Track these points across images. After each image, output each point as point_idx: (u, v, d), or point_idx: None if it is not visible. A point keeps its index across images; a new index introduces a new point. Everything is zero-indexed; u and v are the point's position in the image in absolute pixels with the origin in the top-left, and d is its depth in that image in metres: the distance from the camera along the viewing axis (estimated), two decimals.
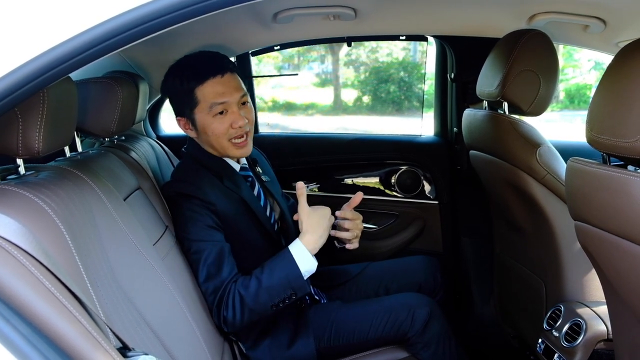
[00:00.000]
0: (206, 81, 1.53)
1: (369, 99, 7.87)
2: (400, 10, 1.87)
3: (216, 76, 1.54)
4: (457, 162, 2.41)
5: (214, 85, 1.54)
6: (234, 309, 1.44)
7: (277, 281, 1.46)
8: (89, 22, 0.77)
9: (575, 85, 8.16)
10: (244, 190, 1.63)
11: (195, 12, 0.78)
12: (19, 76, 0.77)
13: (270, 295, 1.45)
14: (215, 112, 1.54)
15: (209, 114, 1.54)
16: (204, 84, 1.53)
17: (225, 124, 1.55)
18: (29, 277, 0.77)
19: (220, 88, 1.54)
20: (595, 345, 1.49)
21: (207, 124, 1.56)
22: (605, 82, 1.02)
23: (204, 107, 1.54)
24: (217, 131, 1.56)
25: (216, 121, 1.55)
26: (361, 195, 1.63)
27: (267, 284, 1.45)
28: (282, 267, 1.48)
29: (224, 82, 1.55)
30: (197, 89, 1.53)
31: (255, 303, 1.45)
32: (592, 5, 1.55)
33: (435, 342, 1.58)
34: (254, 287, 1.45)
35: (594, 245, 1.13)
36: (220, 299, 1.45)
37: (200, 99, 1.54)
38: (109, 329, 0.84)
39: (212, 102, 1.53)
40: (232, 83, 1.56)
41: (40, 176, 1.03)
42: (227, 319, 1.45)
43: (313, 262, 1.50)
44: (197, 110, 1.55)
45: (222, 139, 1.57)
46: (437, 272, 1.88)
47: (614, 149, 0.98)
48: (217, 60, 1.58)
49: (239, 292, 1.45)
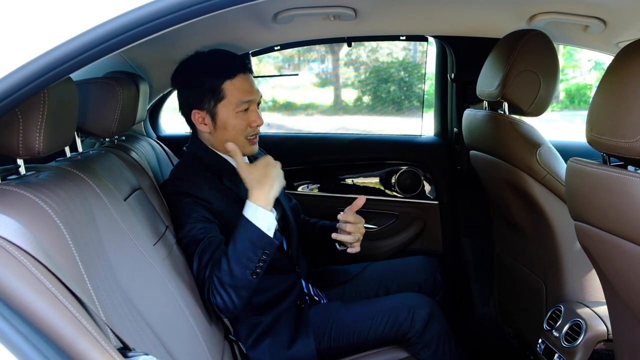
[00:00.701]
0: (236, 76, 1.56)
1: (369, 99, 7.86)
2: (400, 11, 1.87)
3: (246, 73, 1.58)
4: (457, 163, 2.41)
5: (242, 82, 1.57)
6: (219, 293, 1.40)
7: (241, 247, 1.40)
8: (90, 23, 0.77)
9: (576, 85, 8.15)
10: (243, 189, 1.63)
11: (195, 12, 0.78)
12: (19, 77, 0.77)
13: (242, 264, 1.39)
14: (241, 109, 1.57)
15: (234, 109, 1.57)
16: (234, 79, 1.56)
17: (245, 122, 1.58)
18: (30, 277, 0.77)
19: (247, 85, 1.58)
20: (595, 345, 1.49)
21: (229, 119, 1.57)
22: (606, 82, 1.02)
23: (231, 102, 1.56)
24: (238, 127, 1.58)
25: (239, 117, 1.58)
26: (364, 199, 1.62)
27: (233, 255, 1.39)
28: (242, 234, 1.41)
29: (249, 80, 1.59)
30: (225, 83, 1.55)
31: (232, 278, 1.39)
32: (592, 6, 1.54)
33: (435, 342, 1.58)
34: (225, 263, 1.40)
35: (593, 246, 1.13)
36: (207, 289, 1.42)
37: (228, 93, 1.56)
38: (109, 329, 0.84)
39: (241, 99, 1.56)
40: (254, 83, 1.61)
41: (40, 176, 1.03)
42: (219, 306, 1.41)
43: (269, 215, 1.43)
44: (223, 105, 1.57)
45: (239, 135, 1.59)
46: (437, 272, 1.89)
47: (614, 149, 0.98)
48: (241, 58, 1.62)
49: (216, 275, 1.40)
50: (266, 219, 1.43)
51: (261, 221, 1.42)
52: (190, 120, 1.62)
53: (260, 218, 1.42)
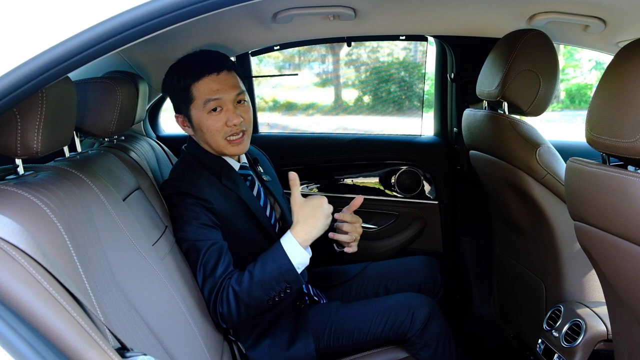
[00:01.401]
0: (202, 78, 1.55)
1: (369, 98, 7.86)
2: (400, 10, 1.86)
3: (212, 74, 1.56)
4: (457, 162, 2.41)
5: (209, 83, 1.55)
6: (229, 305, 1.43)
7: (270, 275, 1.43)
8: (87, 22, 0.77)
9: (576, 85, 8.15)
10: (242, 189, 1.63)
11: (193, 12, 0.78)
12: (17, 76, 0.77)
13: (264, 289, 1.43)
14: (209, 108, 1.56)
15: (204, 110, 1.56)
16: (200, 81, 1.55)
17: (220, 122, 1.57)
18: (27, 277, 0.77)
19: (215, 85, 1.56)
20: (595, 345, 1.49)
21: (202, 120, 1.57)
22: (605, 82, 1.02)
23: (199, 103, 1.56)
24: (212, 128, 1.57)
25: (211, 118, 1.57)
26: (361, 199, 1.61)
27: (259, 279, 1.43)
28: (273, 261, 1.44)
29: (219, 79, 1.56)
30: (192, 86, 1.55)
31: (250, 298, 1.43)
32: (592, 5, 1.54)
33: (434, 342, 1.58)
34: (247, 282, 1.43)
35: (593, 246, 1.13)
36: (216, 296, 1.45)
37: (196, 95, 1.56)
38: (108, 330, 0.84)
39: (206, 98, 1.55)
40: (229, 81, 1.58)
41: (39, 176, 1.03)
42: (224, 315, 1.45)
43: (305, 254, 1.46)
44: (193, 107, 1.57)
45: (217, 136, 1.58)
46: (437, 272, 1.88)
47: (613, 149, 0.97)
48: (215, 58, 1.60)
49: (233, 288, 1.43)
50: (300, 256, 1.46)
51: (295, 256, 1.45)
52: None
53: (295, 253, 1.45)
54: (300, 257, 1.46)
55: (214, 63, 1.58)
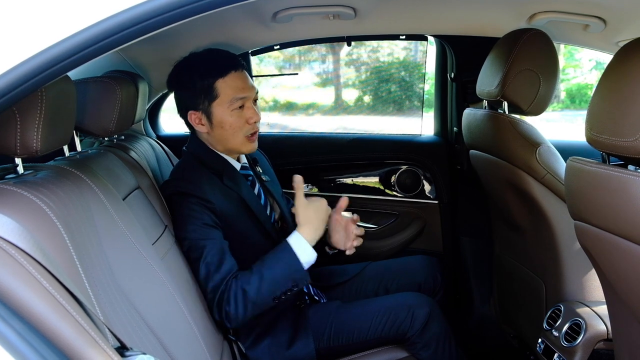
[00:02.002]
0: (228, 74, 1.56)
1: (369, 98, 7.86)
2: (400, 10, 1.86)
3: (237, 70, 1.58)
4: (457, 162, 2.40)
5: (235, 79, 1.57)
6: (237, 304, 1.45)
7: (279, 273, 1.47)
8: (86, 21, 0.77)
9: (577, 85, 8.15)
10: (244, 189, 1.63)
11: (191, 11, 0.78)
12: (16, 75, 0.77)
13: (273, 287, 1.46)
14: (235, 106, 1.57)
15: (229, 107, 1.57)
16: (226, 77, 1.56)
17: (242, 119, 1.59)
18: (27, 276, 0.77)
19: (240, 82, 1.57)
20: (595, 345, 1.49)
21: (225, 117, 1.58)
22: (605, 81, 1.02)
23: (224, 100, 1.56)
24: (235, 125, 1.58)
25: (234, 115, 1.58)
26: (346, 199, 1.65)
27: (268, 277, 1.46)
28: (282, 260, 1.49)
29: (243, 77, 1.59)
30: (217, 82, 1.56)
31: (258, 296, 1.45)
32: (592, 5, 1.54)
33: (434, 342, 1.58)
34: (256, 281, 1.46)
35: (593, 245, 1.13)
36: (222, 295, 1.45)
37: (221, 92, 1.56)
38: (107, 329, 0.84)
39: (234, 97, 1.56)
40: (248, 80, 1.61)
41: (38, 175, 1.03)
42: (230, 314, 1.45)
43: (312, 253, 1.52)
44: (217, 104, 1.57)
45: (238, 133, 1.60)
46: (437, 271, 1.88)
47: (613, 148, 0.97)
48: (232, 56, 1.62)
49: (242, 287, 1.45)
50: (307, 254, 1.51)
51: (302, 254, 1.50)
52: (187, 121, 1.62)
53: (303, 250, 1.50)
54: (308, 255, 1.51)
55: (236, 60, 1.60)
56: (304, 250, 1.50)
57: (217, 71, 1.56)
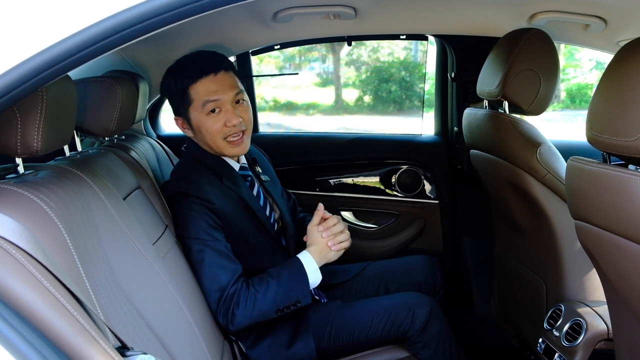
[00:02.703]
0: (199, 80, 1.55)
1: (370, 98, 7.87)
2: (400, 10, 1.86)
3: (209, 75, 1.55)
4: (457, 162, 2.40)
5: (207, 84, 1.55)
6: (246, 308, 1.46)
7: (285, 287, 1.50)
8: (86, 21, 0.77)
9: (577, 85, 8.16)
10: (243, 189, 1.63)
11: (191, 10, 0.78)
12: (16, 75, 0.77)
13: (277, 300, 1.49)
14: (208, 109, 1.56)
15: (202, 112, 1.56)
16: (197, 83, 1.55)
17: (219, 123, 1.57)
18: (28, 276, 0.77)
19: (213, 86, 1.55)
20: (595, 344, 1.48)
21: (201, 122, 1.57)
22: (605, 81, 1.02)
23: (197, 105, 1.56)
24: (212, 129, 1.57)
25: (210, 119, 1.56)
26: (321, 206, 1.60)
27: (275, 289, 1.49)
28: (292, 274, 1.52)
29: (217, 80, 1.56)
30: (190, 88, 1.55)
31: (264, 304, 1.48)
32: (592, 4, 1.54)
33: (435, 342, 1.58)
34: (263, 289, 1.48)
35: (594, 245, 1.13)
36: (228, 298, 1.46)
37: (194, 97, 1.56)
38: (108, 328, 0.84)
39: (205, 100, 1.55)
40: (226, 81, 1.57)
41: (39, 175, 1.03)
42: (236, 317, 1.46)
43: (318, 275, 1.55)
44: (192, 109, 1.57)
45: (216, 137, 1.58)
46: (437, 271, 1.88)
47: (614, 148, 0.97)
48: (212, 59, 1.60)
49: (254, 293, 1.47)
50: (314, 274, 1.54)
51: (311, 275, 1.54)
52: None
53: (312, 272, 1.54)
54: (314, 275, 1.54)
55: (211, 64, 1.57)
56: (310, 268, 1.54)
57: (189, 76, 1.55)
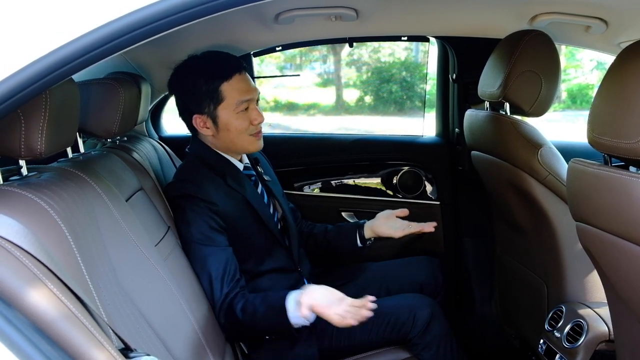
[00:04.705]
0: (233, 77, 1.57)
1: (371, 99, 7.87)
2: (402, 11, 1.87)
3: (241, 72, 1.58)
4: (458, 163, 2.40)
5: (239, 82, 1.58)
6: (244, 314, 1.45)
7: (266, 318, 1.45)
8: (92, 24, 0.78)
9: (578, 86, 8.15)
10: (248, 189, 1.64)
11: (198, 13, 0.78)
12: (22, 78, 0.77)
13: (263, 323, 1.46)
14: (241, 108, 1.58)
15: (235, 110, 1.58)
16: (231, 80, 1.56)
17: (247, 121, 1.60)
18: (31, 278, 0.77)
19: (244, 85, 1.59)
20: (596, 346, 1.49)
21: (231, 120, 1.58)
22: (607, 83, 1.02)
23: (230, 103, 1.57)
24: (240, 127, 1.59)
25: (240, 117, 1.59)
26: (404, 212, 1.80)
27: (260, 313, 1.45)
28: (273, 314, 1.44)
29: (245, 79, 1.60)
30: (223, 85, 1.56)
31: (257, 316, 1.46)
32: (593, 6, 1.54)
33: (436, 343, 1.58)
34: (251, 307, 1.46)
35: (595, 246, 1.13)
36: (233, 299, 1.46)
37: (227, 95, 1.57)
38: (111, 330, 0.84)
39: (239, 99, 1.57)
40: (250, 81, 1.62)
41: (42, 177, 1.04)
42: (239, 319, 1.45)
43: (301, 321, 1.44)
44: (222, 107, 1.58)
45: (243, 134, 1.61)
46: (438, 272, 1.88)
47: (615, 150, 0.98)
48: (232, 58, 1.63)
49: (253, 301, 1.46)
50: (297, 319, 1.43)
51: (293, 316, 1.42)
52: (191, 125, 1.63)
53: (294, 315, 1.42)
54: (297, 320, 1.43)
55: (238, 62, 1.61)
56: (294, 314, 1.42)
57: (221, 74, 1.56)
